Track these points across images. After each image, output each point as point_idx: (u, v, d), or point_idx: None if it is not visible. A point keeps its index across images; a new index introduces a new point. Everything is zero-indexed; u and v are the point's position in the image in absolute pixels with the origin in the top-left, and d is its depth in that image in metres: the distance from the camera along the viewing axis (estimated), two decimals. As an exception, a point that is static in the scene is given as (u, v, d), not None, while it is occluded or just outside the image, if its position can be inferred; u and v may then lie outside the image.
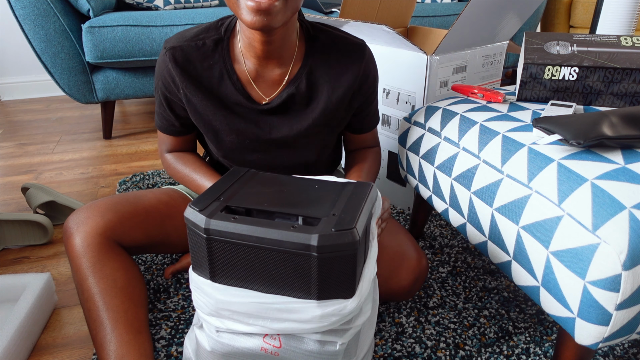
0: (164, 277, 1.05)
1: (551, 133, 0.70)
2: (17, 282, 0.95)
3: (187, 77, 0.81)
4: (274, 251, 0.58)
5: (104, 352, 0.76)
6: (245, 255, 0.60)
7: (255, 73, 0.81)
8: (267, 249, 0.58)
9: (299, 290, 0.59)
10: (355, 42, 0.84)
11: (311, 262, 0.56)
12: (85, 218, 0.80)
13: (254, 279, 0.61)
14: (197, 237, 0.61)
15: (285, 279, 0.59)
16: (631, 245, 0.56)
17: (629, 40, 0.88)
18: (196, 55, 0.80)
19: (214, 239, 0.59)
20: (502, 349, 0.86)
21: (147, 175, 1.58)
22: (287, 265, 0.58)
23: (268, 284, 0.60)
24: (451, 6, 2.30)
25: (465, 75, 1.22)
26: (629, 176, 0.62)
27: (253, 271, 0.60)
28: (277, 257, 0.58)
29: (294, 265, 0.58)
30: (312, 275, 0.57)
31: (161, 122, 0.90)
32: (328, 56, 0.82)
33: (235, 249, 0.59)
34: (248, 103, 0.82)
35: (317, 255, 0.56)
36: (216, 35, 0.80)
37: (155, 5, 2.03)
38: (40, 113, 2.36)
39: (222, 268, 0.61)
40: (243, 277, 0.61)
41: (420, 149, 0.97)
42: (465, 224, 0.85)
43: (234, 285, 0.62)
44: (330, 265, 0.57)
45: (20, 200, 1.45)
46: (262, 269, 0.59)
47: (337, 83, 0.83)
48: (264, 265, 0.59)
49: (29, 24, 1.66)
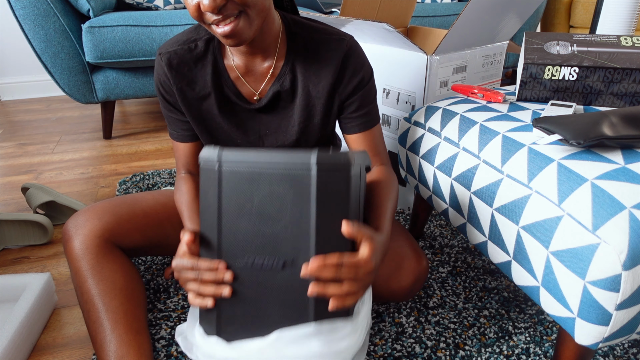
0: (164, 277, 1.05)
1: (551, 133, 0.70)
2: (17, 282, 0.95)
3: (182, 80, 0.83)
4: (277, 175, 0.63)
5: (103, 352, 0.76)
6: (251, 189, 0.64)
7: (245, 68, 0.83)
8: (271, 174, 0.63)
9: (298, 224, 0.63)
10: (333, 37, 0.83)
11: (310, 180, 0.62)
12: (83, 221, 0.81)
13: (259, 222, 0.64)
14: (208, 175, 0.66)
15: (286, 202, 0.63)
16: (631, 245, 0.56)
17: (629, 40, 0.88)
18: (190, 57, 0.82)
19: (224, 170, 0.65)
20: (502, 349, 0.86)
21: (147, 175, 1.58)
22: (288, 191, 0.63)
23: (270, 224, 0.64)
24: (451, 6, 2.30)
25: (465, 75, 1.22)
26: (629, 176, 0.62)
27: (257, 212, 0.64)
28: (279, 181, 0.63)
29: (295, 189, 0.63)
30: (310, 193, 0.62)
31: (173, 129, 0.90)
32: (308, 52, 0.83)
33: (243, 180, 0.64)
34: (240, 102, 0.84)
35: (316, 169, 0.62)
36: (206, 35, 0.82)
37: (155, 5, 2.03)
38: (40, 113, 2.36)
39: (228, 208, 0.65)
40: (248, 219, 0.65)
41: (420, 149, 0.97)
42: (465, 224, 0.85)
43: (239, 231, 0.65)
44: (327, 183, 0.62)
45: (20, 200, 1.45)
46: (268, 202, 0.64)
47: (316, 79, 0.84)
48: (269, 195, 0.64)
49: (29, 24, 1.66)
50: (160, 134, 2.03)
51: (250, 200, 0.65)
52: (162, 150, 1.84)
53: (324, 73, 0.83)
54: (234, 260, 0.66)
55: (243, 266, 0.65)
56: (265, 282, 0.65)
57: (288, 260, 0.64)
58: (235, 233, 0.65)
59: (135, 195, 0.91)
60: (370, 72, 0.87)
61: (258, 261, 0.65)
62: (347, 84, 0.85)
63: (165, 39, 1.76)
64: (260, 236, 0.65)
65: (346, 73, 0.84)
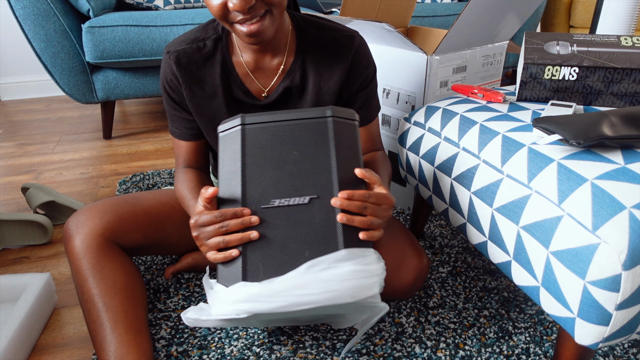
0: (164, 277, 1.06)
1: (551, 133, 0.70)
2: (17, 282, 0.95)
3: (191, 78, 0.83)
4: (298, 125, 0.72)
5: (103, 352, 0.76)
6: (274, 139, 0.71)
7: (254, 64, 0.83)
8: (292, 124, 0.72)
9: (320, 158, 0.70)
10: (344, 34, 0.86)
11: (327, 126, 0.71)
12: (84, 220, 0.81)
13: (282, 168, 0.70)
14: (231, 137, 0.73)
15: (307, 147, 0.71)
16: (631, 245, 0.56)
17: (629, 40, 0.88)
18: (198, 56, 0.82)
19: (247, 128, 0.72)
20: (502, 349, 0.86)
21: (147, 175, 1.58)
22: (309, 137, 0.71)
23: (293, 168, 0.70)
24: (451, 6, 2.30)
25: (465, 75, 1.22)
26: (629, 176, 0.62)
27: (280, 159, 0.71)
28: (300, 129, 0.72)
29: (315, 135, 0.71)
30: (329, 137, 0.71)
31: (175, 127, 0.90)
32: (318, 49, 0.84)
33: (266, 132, 0.72)
34: (248, 99, 0.85)
35: (332, 118, 0.72)
36: (214, 34, 0.83)
37: (155, 5, 2.03)
38: (40, 113, 2.36)
39: (252, 160, 0.71)
40: (272, 166, 0.70)
41: (420, 149, 0.97)
42: (465, 224, 0.85)
43: (263, 181, 0.70)
44: (341, 129, 0.72)
45: (20, 200, 1.45)
46: (289, 149, 0.71)
47: (328, 75, 0.85)
48: (290, 143, 0.71)
49: (29, 24, 1.66)
50: (160, 134, 2.03)
51: (273, 150, 0.71)
52: (162, 150, 1.84)
53: (336, 69, 0.85)
54: (259, 206, 0.69)
55: (269, 209, 0.68)
56: (292, 219, 0.68)
57: (313, 197, 0.69)
58: (260, 181, 0.70)
59: (136, 195, 0.91)
60: (375, 68, 0.91)
61: (283, 201, 0.68)
62: (355, 80, 0.87)
63: (165, 39, 1.76)
64: (284, 180, 0.69)
65: (356, 70, 0.86)
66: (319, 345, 0.87)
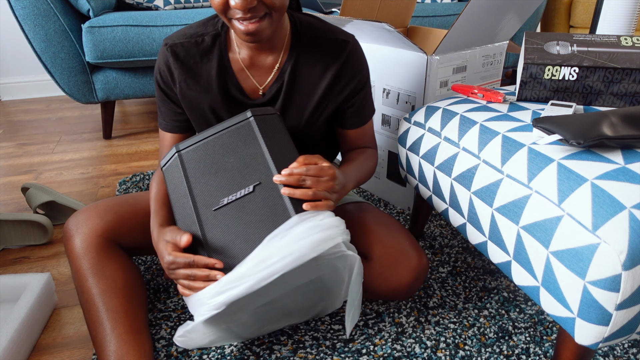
0: (164, 277, 1.05)
1: (551, 133, 0.70)
2: (17, 282, 0.95)
3: (187, 72, 0.84)
4: (225, 133, 0.78)
5: (103, 352, 0.76)
6: (208, 152, 0.78)
7: (250, 61, 0.85)
8: (220, 134, 0.78)
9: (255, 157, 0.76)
10: (337, 39, 0.86)
11: (251, 125, 0.78)
12: (84, 219, 0.81)
13: (222, 172, 0.76)
14: (173, 166, 0.79)
15: (240, 149, 0.77)
16: (631, 245, 0.56)
17: (629, 40, 0.88)
18: (196, 51, 0.84)
19: (183, 153, 0.79)
20: (502, 349, 0.86)
21: (147, 175, 1.58)
22: (237, 139, 0.77)
23: (231, 168, 0.76)
24: (451, 6, 2.30)
25: (465, 75, 1.22)
26: (629, 176, 0.62)
27: (218, 165, 0.76)
28: (228, 136, 0.78)
29: (242, 136, 0.77)
30: (255, 133, 0.77)
31: (163, 119, 0.91)
32: (312, 53, 0.85)
33: (199, 150, 0.78)
34: (243, 97, 0.86)
35: (253, 117, 0.78)
36: (214, 30, 0.84)
37: (155, 5, 2.03)
38: (40, 113, 2.36)
39: (194, 176, 0.76)
40: (212, 173, 0.76)
41: (420, 149, 0.97)
42: (465, 224, 0.85)
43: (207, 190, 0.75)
44: (265, 123, 0.78)
45: (20, 200, 1.45)
46: (224, 157, 0.77)
47: (319, 79, 0.86)
48: (224, 152, 0.77)
49: (29, 24, 1.66)
50: (160, 134, 2.03)
51: (211, 162, 0.77)
52: (162, 150, 1.84)
53: (327, 70, 0.85)
54: (211, 210, 0.73)
55: (221, 208, 0.73)
56: (245, 210, 0.72)
57: (256, 184, 0.73)
58: (207, 190, 0.75)
59: (136, 195, 0.91)
60: (367, 75, 0.92)
61: (231, 197, 0.73)
62: (344, 87, 0.88)
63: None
64: (228, 181, 0.75)
65: (347, 73, 0.87)
66: (319, 345, 0.87)
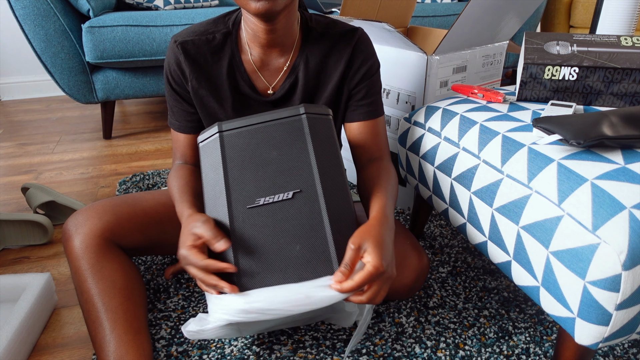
0: (164, 277, 1.05)
1: (551, 133, 0.70)
2: (17, 282, 0.95)
3: (198, 70, 0.83)
4: (273, 125, 0.74)
5: (103, 352, 0.76)
6: (252, 141, 0.73)
7: (261, 62, 0.84)
8: (268, 125, 0.74)
9: (298, 153, 0.72)
10: (346, 29, 0.87)
11: (302, 123, 0.74)
12: (84, 220, 0.81)
13: (263, 167, 0.72)
14: (211, 145, 0.75)
15: (285, 146, 0.73)
16: (631, 245, 0.56)
17: (629, 40, 0.88)
18: (207, 48, 0.83)
19: (225, 134, 0.74)
20: (502, 349, 0.86)
21: (147, 175, 1.58)
22: (285, 135, 0.73)
23: (273, 166, 0.72)
24: (451, 6, 2.30)
25: (465, 75, 1.22)
26: (629, 176, 0.62)
27: (260, 159, 0.72)
28: (276, 129, 0.73)
29: (290, 132, 0.73)
30: (305, 134, 0.73)
31: (175, 119, 0.90)
32: (322, 45, 0.85)
33: (243, 136, 0.74)
34: (254, 94, 0.85)
35: (305, 115, 0.74)
36: (225, 29, 0.84)
37: (155, 5, 2.03)
38: (40, 113, 2.36)
39: (232, 165, 0.72)
40: (252, 167, 0.72)
41: (420, 149, 0.97)
42: (465, 224, 0.85)
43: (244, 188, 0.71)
44: (316, 125, 0.74)
45: (20, 200, 1.45)
46: (267, 150, 0.72)
47: (330, 70, 0.86)
48: (268, 144, 0.73)
49: (29, 24, 1.66)
50: (161, 134, 2.03)
51: (252, 152, 0.72)
52: (162, 150, 1.84)
53: (337, 63, 0.86)
54: (245, 207, 0.70)
55: (255, 208, 0.70)
56: (279, 215, 0.69)
57: (296, 191, 0.70)
58: (243, 183, 0.71)
59: (135, 195, 0.91)
60: (378, 64, 0.90)
61: (268, 199, 0.70)
62: (355, 72, 0.88)
63: (165, 39, 1.76)
64: (267, 179, 0.71)
65: (356, 60, 0.87)
66: (319, 345, 0.87)
